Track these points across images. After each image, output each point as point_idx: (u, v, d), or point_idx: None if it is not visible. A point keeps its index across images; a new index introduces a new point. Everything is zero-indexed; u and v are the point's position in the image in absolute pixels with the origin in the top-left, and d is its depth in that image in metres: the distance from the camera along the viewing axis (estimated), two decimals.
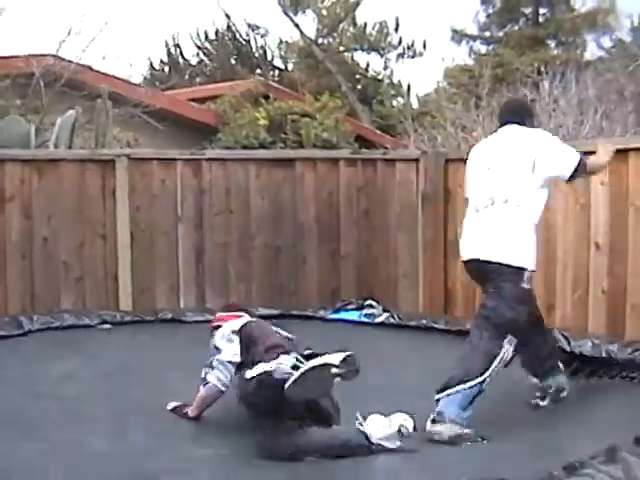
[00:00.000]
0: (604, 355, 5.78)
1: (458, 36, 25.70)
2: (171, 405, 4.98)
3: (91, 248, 8.14)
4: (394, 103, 21.56)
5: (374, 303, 8.15)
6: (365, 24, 21.47)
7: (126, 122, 11.95)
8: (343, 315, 8.01)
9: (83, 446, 4.30)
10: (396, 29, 21.69)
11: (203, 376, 4.75)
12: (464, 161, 5.52)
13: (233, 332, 4.78)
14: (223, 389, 4.69)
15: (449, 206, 8.29)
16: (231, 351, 4.70)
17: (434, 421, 4.54)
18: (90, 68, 12.06)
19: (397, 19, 21.54)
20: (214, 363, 4.73)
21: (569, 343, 6.04)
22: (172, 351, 6.64)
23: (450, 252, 8.14)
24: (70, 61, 11.63)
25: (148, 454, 4.20)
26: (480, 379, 4.61)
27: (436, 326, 7.51)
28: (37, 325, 7.47)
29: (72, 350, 6.68)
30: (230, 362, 4.68)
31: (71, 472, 3.92)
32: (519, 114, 5.22)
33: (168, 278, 8.33)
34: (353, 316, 8.01)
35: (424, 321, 7.66)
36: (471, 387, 4.59)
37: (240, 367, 4.58)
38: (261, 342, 4.54)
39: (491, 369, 4.65)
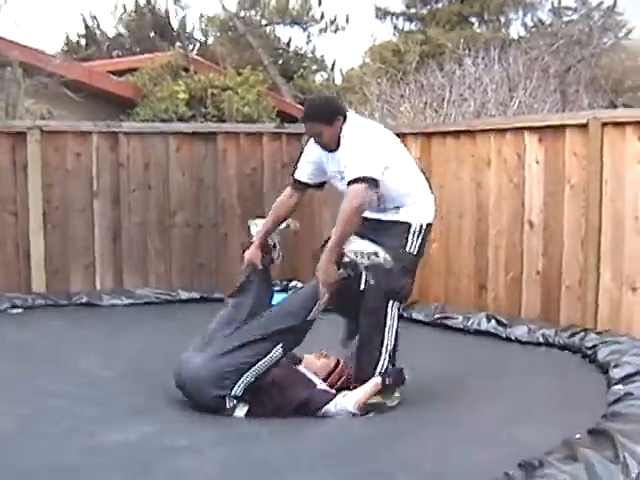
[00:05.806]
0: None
1: (381, 13, 25.46)
2: None
3: (1, 225, 7.68)
4: (317, 78, 21.24)
5: (299, 284, 7.88)
6: None
7: (40, 94, 11.39)
8: None
9: None
10: (319, 3, 21.29)
11: None
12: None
13: None
14: None
15: None
16: None
17: None
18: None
19: None
20: None
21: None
22: (88, 337, 6.27)
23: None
24: None
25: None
26: None
27: None
28: None
29: None
30: None
31: None
32: None
33: (84, 258, 7.92)
34: (279, 299, 7.68)
35: None
36: None
37: None
38: None
39: None
